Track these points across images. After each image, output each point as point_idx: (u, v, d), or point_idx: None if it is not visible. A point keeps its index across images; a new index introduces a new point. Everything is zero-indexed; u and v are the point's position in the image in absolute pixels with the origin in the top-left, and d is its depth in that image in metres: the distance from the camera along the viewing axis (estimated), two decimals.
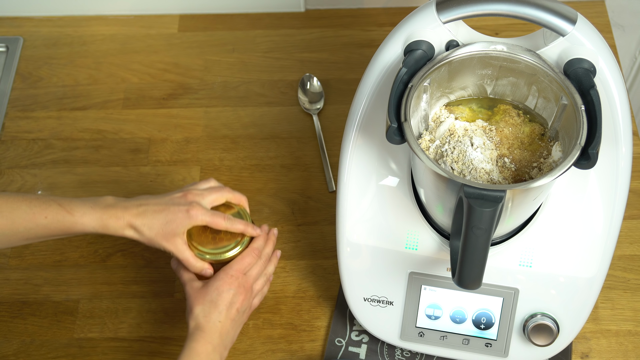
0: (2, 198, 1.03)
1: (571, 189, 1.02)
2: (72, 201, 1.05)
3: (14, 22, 1.54)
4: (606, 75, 0.96)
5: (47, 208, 1.04)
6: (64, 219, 1.04)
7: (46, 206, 1.04)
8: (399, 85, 0.91)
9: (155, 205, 1.07)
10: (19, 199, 1.04)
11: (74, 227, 1.04)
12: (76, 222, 1.04)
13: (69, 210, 1.04)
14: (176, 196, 1.09)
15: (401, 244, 1.06)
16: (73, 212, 1.04)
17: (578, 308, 1.06)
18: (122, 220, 1.05)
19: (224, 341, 1.04)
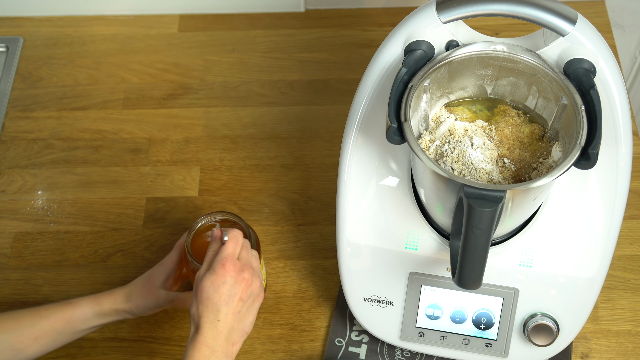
0: (9, 312, 1.09)
1: (571, 189, 1.02)
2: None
3: (14, 22, 1.55)
4: (606, 75, 0.96)
5: (49, 305, 1.10)
6: (64, 307, 1.10)
7: (50, 305, 1.10)
8: (399, 85, 0.91)
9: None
10: (27, 309, 1.10)
11: (74, 314, 1.09)
12: (75, 308, 1.10)
13: (69, 302, 1.11)
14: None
15: (401, 244, 1.06)
16: (72, 301, 1.11)
17: (578, 308, 1.06)
18: (113, 294, 1.12)
19: (230, 338, 0.99)
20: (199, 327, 0.98)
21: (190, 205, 1.32)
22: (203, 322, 0.98)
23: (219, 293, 0.99)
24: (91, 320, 1.10)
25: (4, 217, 1.32)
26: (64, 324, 1.09)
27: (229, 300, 0.99)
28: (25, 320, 1.07)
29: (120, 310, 1.11)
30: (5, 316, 1.08)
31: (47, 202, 1.33)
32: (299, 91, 1.45)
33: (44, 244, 1.29)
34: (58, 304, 1.10)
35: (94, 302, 1.10)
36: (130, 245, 1.29)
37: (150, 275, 1.13)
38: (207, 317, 0.98)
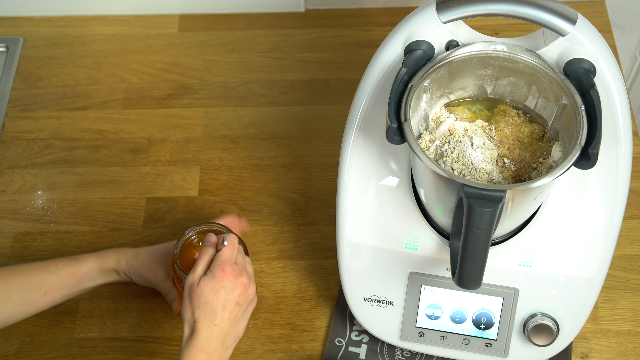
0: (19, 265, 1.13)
1: (571, 189, 1.02)
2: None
3: (14, 22, 1.54)
4: (606, 75, 0.96)
5: (58, 260, 1.14)
6: (72, 263, 1.13)
7: (59, 260, 1.14)
8: (399, 85, 0.91)
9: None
10: (37, 262, 1.14)
11: (81, 269, 1.13)
12: (82, 264, 1.13)
13: (76, 257, 1.14)
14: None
15: (401, 244, 1.06)
16: (79, 257, 1.14)
17: (578, 308, 1.06)
18: (118, 253, 1.15)
19: (225, 342, 1.00)
20: (195, 330, 0.98)
21: (190, 205, 1.32)
22: (199, 326, 0.98)
23: (218, 297, 1.00)
24: (97, 277, 1.14)
25: (4, 217, 1.32)
26: (72, 279, 1.12)
27: (226, 304, 1.00)
28: (35, 275, 1.11)
29: (120, 270, 1.15)
30: (16, 271, 1.11)
31: (47, 202, 1.33)
32: (299, 91, 1.45)
33: (44, 244, 1.29)
34: (65, 259, 1.14)
35: (100, 259, 1.14)
36: (130, 245, 1.29)
37: (155, 251, 1.16)
38: (204, 321, 0.99)
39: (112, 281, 1.16)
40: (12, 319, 1.10)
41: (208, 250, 1.05)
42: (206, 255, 1.04)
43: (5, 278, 1.10)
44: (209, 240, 1.07)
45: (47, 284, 1.11)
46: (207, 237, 1.07)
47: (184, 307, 1.01)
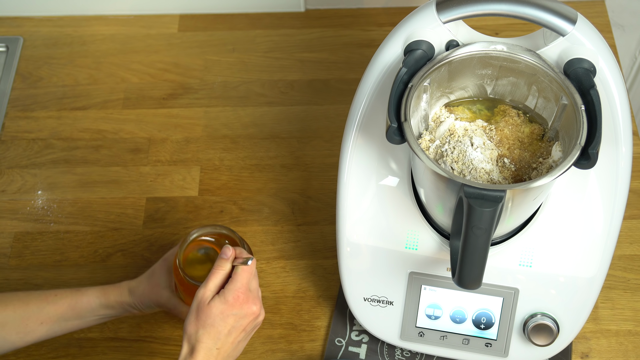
0: (19, 292, 1.11)
1: (571, 189, 1.02)
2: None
3: (14, 22, 1.55)
4: (606, 75, 0.96)
5: (58, 290, 1.11)
6: (72, 294, 1.10)
7: (59, 290, 1.11)
8: (399, 85, 0.91)
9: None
10: (38, 291, 1.11)
11: (80, 301, 1.10)
12: (82, 296, 1.10)
13: (78, 289, 1.11)
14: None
15: (401, 244, 1.06)
16: (80, 289, 1.11)
17: (578, 308, 1.06)
18: (120, 287, 1.12)
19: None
20: (195, 350, 0.95)
21: (190, 205, 1.32)
22: (200, 347, 0.96)
23: (226, 323, 0.96)
24: (97, 310, 1.10)
25: (4, 217, 1.32)
26: (70, 310, 1.09)
27: (232, 330, 0.97)
28: (33, 304, 1.08)
29: (125, 303, 1.11)
30: (14, 298, 1.08)
31: (47, 202, 1.33)
32: (299, 91, 1.45)
33: (44, 243, 1.29)
34: (66, 290, 1.10)
35: (101, 293, 1.11)
36: (130, 245, 1.29)
37: (153, 273, 1.12)
38: (206, 342, 0.96)
39: (115, 316, 1.13)
40: (7, 347, 1.07)
41: (223, 265, 1.00)
42: (221, 270, 0.99)
43: (3, 304, 1.07)
44: (225, 254, 1.00)
45: (44, 313, 1.08)
46: (224, 249, 1.01)
47: (188, 319, 0.97)
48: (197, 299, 0.98)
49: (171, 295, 1.11)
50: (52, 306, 1.08)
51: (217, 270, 0.99)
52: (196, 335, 0.96)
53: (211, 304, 0.96)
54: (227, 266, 1.00)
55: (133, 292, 1.11)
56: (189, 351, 0.95)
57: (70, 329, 1.11)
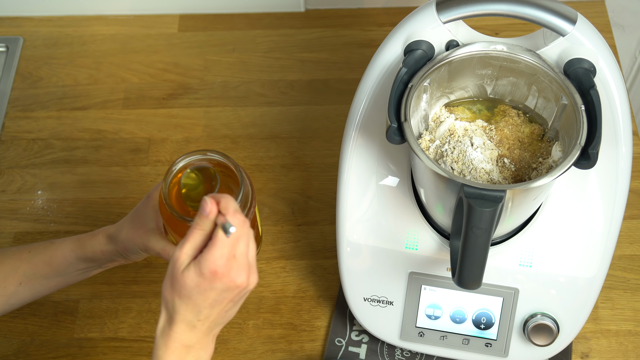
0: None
1: (571, 189, 1.02)
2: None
3: (14, 22, 1.54)
4: (606, 75, 0.96)
5: (32, 246, 1.01)
6: (45, 249, 1.01)
7: (33, 245, 1.01)
8: (399, 85, 0.91)
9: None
10: (13, 247, 1.03)
11: (55, 256, 1.00)
12: (56, 250, 1.00)
13: (52, 242, 1.01)
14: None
15: (401, 244, 1.06)
16: (54, 242, 1.01)
17: (578, 308, 1.06)
18: (97, 236, 1.00)
19: (210, 332, 0.85)
20: (173, 321, 0.83)
21: None
22: (178, 319, 0.83)
23: (205, 297, 0.82)
24: (75, 263, 1.00)
25: (4, 217, 1.32)
26: (47, 267, 1.00)
27: (215, 304, 0.83)
28: (7, 264, 1.00)
29: (106, 252, 0.99)
30: None
31: (47, 202, 1.33)
32: (299, 91, 1.45)
33: None
34: (40, 245, 1.01)
35: (76, 245, 1.00)
36: None
37: (137, 214, 0.98)
38: (184, 314, 0.83)
39: (100, 267, 1.02)
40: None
41: (202, 224, 0.82)
42: (199, 231, 0.82)
43: None
44: (204, 209, 0.81)
45: (20, 273, 0.99)
46: (203, 203, 0.82)
47: (165, 283, 0.83)
48: (171, 262, 0.83)
49: (159, 237, 0.96)
50: (26, 265, 0.99)
51: (195, 230, 0.82)
52: (173, 304, 0.83)
53: (185, 274, 0.81)
54: (206, 226, 0.82)
55: (114, 239, 0.98)
56: (167, 320, 0.84)
57: (56, 286, 1.02)
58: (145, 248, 0.97)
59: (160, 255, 0.97)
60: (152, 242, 0.96)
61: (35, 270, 1.00)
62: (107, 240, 0.99)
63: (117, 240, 0.98)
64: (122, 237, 0.98)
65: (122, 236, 0.98)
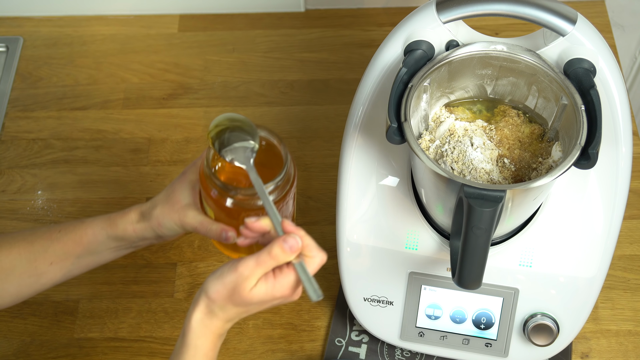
0: (25, 232, 1.02)
1: (571, 189, 1.02)
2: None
3: (14, 22, 1.54)
4: (606, 75, 0.96)
5: (63, 225, 1.01)
6: (76, 229, 1.00)
7: (63, 225, 1.01)
8: (399, 85, 0.91)
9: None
10: (43, 227, 1.02)
11: (86, 235, 1.00)
12: (86, 229, 0.99)
13: (82, 221, 1.00)
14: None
15: (401, 244, 1.06)
16: (85, 221, 1.00)
17: (578, 308, 1.06)
18: (128, 214, 0.99)
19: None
20: (215, 317, 0.87)
21: None
22: (223, 318, 0.87)
23: (260, 307, 0.88)
24: (106, 242, 1.00)
25: (4, 217, 1.32)
26: (77, 247, 0.99)
27: (258, 310, 0.89)
28: (37, 244, 0.99)
29: (138, 230, 0.99)
30: (20, 238, 1.00)
31: (47, 202, 1.33)
32: (299, 91, 1.45)
33: None
34: (70, 224, 1.00)
35: (107, 223, 0.99)
36: None
37: (172, 191, 0.98)
38: (230, 316, 0.88)
39: (133, 246, 1.01)
40: (25, 291, 1.00)
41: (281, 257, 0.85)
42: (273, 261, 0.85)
43: (9, 246, 0.99)
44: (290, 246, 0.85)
45: (51, 252, 0.99)
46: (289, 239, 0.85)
47: (214, 285, 0.85)
48: (237, 276, 0.85)
49: (196, 212, 0.97)
50: (57, 244, 0.99)
51: (269, 260, 0.85)
52: (223, 307, 0.86)
53: (253, 293, 0.85)
54: (285, 260, 0.86)
55: (146, 216, 0.98)
56: (208, 314, 0.87)
57: (87, 265, 1.01)
58: (182, 223, 0.97)
59: (197, 230, 0.97)
60: (189, 217, 0.96)
61: (66, 249, 0.99)
62: (139, 218, 0.98)
63: (151, 217, 0.98)
64: (157, 213, 0.97)
65: (156, 212, 0.97)
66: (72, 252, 0.99)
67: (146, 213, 0.98)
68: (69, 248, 0.99)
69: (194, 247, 1.28)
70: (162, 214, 0.97)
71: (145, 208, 0.98)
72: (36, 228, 1.01)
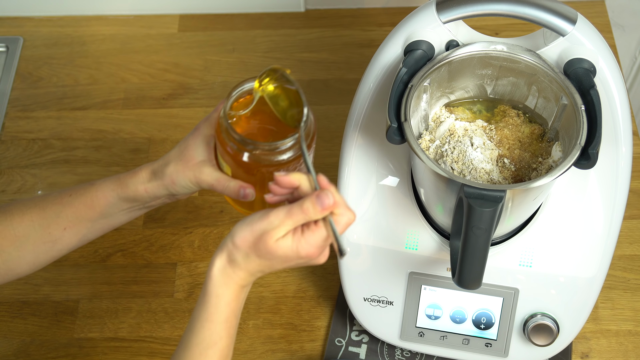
0: (36, 198, 0.99)
1: (571, 189, 1.02)
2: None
3: (14, 22, 1.55)
4: (606, 75, 0.96)
5: (73, 189, 0.98)
6: (86, 192, 0.97)
7: (74, 188, 0.98)
8: (399, 85, 0.91)
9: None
10: (54, 192, 0.99)
11: (97, 198, 0.96)
12: (96, 191, 0.96)
13: (92, 184, 0.97)
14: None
15: (401, 244, 1.06)
16: (95, 183, 0.97)
17: (578, 308, 1.06)
18: (138, 173, 0.96)
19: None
20: (237, 267, 0.84)
21: (190, 205, 1.32)
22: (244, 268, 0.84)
23: (282, 264, 0.85)
24: (118, 204, 0.97)
25: None
26: (89, 210, 0.97)
27: (281, 267, 0.85)
28: (49, 209, 0.97)
29: (150, 189, 0.95)
30: (32, 205, 0.98)
31: None
32: None
33: None
34: (80, 188, 0.98)
35: (116, 184, 0.96)
36: (130, 245, 1.29)
37: (186, 146, 0.95)
38: (252, 267, 0.84)
39: (146, 206, 0.98)
40: (42, 258, 0.98)
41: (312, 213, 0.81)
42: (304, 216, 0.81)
43: (21, 213, 0.96)
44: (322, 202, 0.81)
45: (63, 217, 0.96)
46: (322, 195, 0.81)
47: (243, 232, 0.83)
48: (265, 224, 0.82)
49: (212, 169, 0.93)
50: (69, 208, 0.96)
51: (300, 214, 0.82)
52: (245, 256, 0.83)
53: (278, 244, 0.82)
54: (316, 216, 0.82)
55: (158, 174, 0.95)
56: (229, 263, 0.84)
57: (102, 229, 0.99)
58: (197, 180, 0.94)
59: (213, 188, 0.94)
60: (205, 175, 0.93)
61: (78, 213, 0.97)
62: (151, 176, 0.95)
63: (164, 175, 0.94)
64: (170, 170, 0.94)
65: (169, 170, 0.94)
66: (84, 216, 0.97)
67: (158, 171, 0.95)
68: (81, 212, 0.97)
69: (194, 247, 1.28)
70: (176, 171, 0.94)
71: (157, 166, 0.95)
72: (48, 194, 0.99)
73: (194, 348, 0.85)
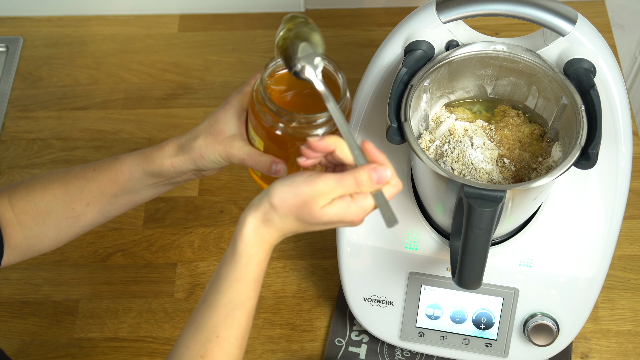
0: (58, 172, 0.97)
1: (571, 189, 1.02)
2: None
3: (14, 22, 1.55)
4: (606, 75, 0.96)
5: (97, 163, 0.96)
6: (110, 166, 0.95)
7: (98, 163, 0.96)
8: (399, 85, 0.91)
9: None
10: (78, 166, 0.98)
11: (121, 173, 0.94)
12: (121, 165, 0.94)
13: (117, 158, 0.96)
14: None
15: (401, 244, 1.06)
16: (119, 158, 0.95)
17: (578, 308, 1.06)
18: (165, 147, 0.94)
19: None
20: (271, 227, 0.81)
21: (190, 205, 1.32)
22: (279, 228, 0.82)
23: (323, 226, 0.82)
24: (143, 179, 0.95)
25: None
26: (113, 185, 0.95)
27: (318, 229, 0.83)
28: (72, 184, 0.95)
29: (177, 163, 0.93)
30: (55, 179, 0.96)
31: None
32: None
33: None
34: (104, 162, 0.96)
35: (142, 159, 0.94)
36: (130, 245, 1.29)
37: (216, 120, 0.92)
38: (287, 228, 0.82)
39: (171, 182, 0.96)
40: (64, 233, 0.96)
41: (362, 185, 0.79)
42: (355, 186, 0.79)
43: (43, 188, 0.95)
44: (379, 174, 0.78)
45: (87, 192, 0.95)
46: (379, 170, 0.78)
47: (284, 194, 0.80)
48: (312, 189, 0.79)
49: (243, 143, 0.91)
50: (92, 183, 0.95)
51: (353, 186, 0.79)
52: (283, 217, 0.81)
53: (325, 211, 0.79)
54: (370, 189, 0.79)
55: (186, 148, 0.92)
56: (264, 222, 0.81)
57: (125, 205, 0.97)
58: (228, 155, 0.92)
59: (244, 162, 0.91)
60: (236, 149, 0.91)
61: (102, 188, 0.95)
62: (178, 150, 0.93)
63: (192, 149, 0.92)
64: (199, 144, 0.92)
65: (198, 143, 0.92)
66: (108, 191, 0.95)
67: (185, 145, 0.92)
68: (105, 187, 0.95)
69: (194, 247, 1.28)
70: (206, 145, 0.91)
71: (184, 140, 0.93)
72: (70, 168, 0.97)
73: (220, 308, 0.82)
